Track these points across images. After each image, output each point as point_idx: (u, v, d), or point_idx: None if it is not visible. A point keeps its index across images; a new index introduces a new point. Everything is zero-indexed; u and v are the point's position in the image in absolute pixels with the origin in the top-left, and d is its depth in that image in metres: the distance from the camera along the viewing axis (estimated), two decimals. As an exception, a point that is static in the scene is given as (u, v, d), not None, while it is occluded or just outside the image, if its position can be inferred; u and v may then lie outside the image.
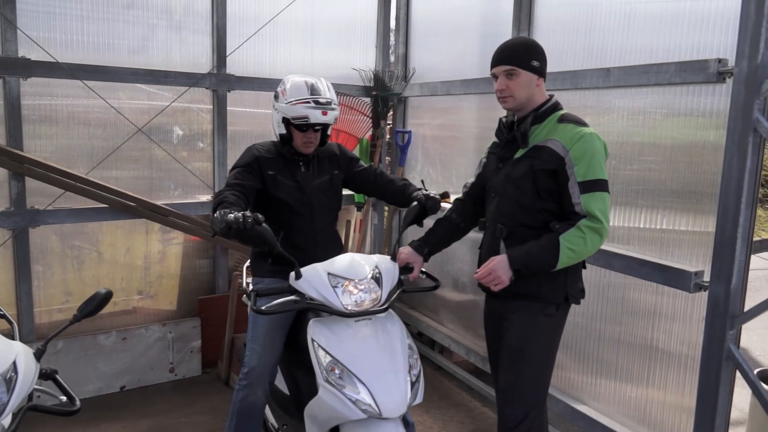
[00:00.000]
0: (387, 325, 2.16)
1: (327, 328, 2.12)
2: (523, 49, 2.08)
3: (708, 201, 2.24)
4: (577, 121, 2.06)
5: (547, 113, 2.10)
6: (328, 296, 2.09)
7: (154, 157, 3.57)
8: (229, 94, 3.72)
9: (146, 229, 3.63)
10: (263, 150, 2.54)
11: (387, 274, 2.22)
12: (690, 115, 2.30)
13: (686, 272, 2.23)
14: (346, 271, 2.16)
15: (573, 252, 1.96)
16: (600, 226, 1.95)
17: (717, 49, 2.20)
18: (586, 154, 1.97)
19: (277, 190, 2.50)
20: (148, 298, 3.70)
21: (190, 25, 3.60)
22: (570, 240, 1.96)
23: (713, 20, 2.22)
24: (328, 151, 2.67)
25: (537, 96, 2.10)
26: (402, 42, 4.27)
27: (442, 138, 3.96)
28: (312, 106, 2.40)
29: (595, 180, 1.97)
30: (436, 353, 4.07)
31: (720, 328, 2.10)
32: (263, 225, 2.02)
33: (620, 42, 2.59)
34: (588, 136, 1.99)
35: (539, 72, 2.08)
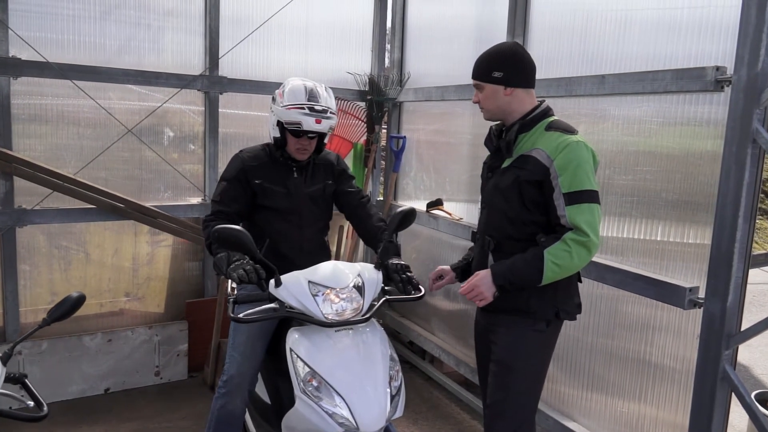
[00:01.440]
0: (368, 335, 2.05)
1: (306, 338, 2.01)
2: (484, 62, 2.00)
3: (704, 213, 2.13)
4: (565, 128, 1.93)
5: (535, 120, 1.97)
6: (307, 305, 1.99)
7: (144, 159, 3.47)
8: (221, 97, 3.62)
9: (135, 231, 3.52)
10: (250, 157, 2.44)
11: (370, 282, 2.12)
12: (687, 124, 2.19)
13: (681, 288, 2.12)
14: (327, 280, 2.05)
15: (558, 267, 1.84)
16: (586, 239, 1.82)
17: (715, 58, 2.09)
18: (571, 164, 1.84)
19: (266, 199, 2.41)
20: (136, 300, 3.59)
21: (182, 26, 3.51)
22: (555, 254, 1.84)
23: (711, 28, 2.11)
24: (325, 159, 2.55)
25: (514, 105, 1.98)
26: (397, 47, 4.17)
27: (437, 144, 3.86)
28: (306, 113, 2.28)
29: (581, 191, 1.84)
30: (427, 363, 3.95)
31: (715, 348, 1.98)
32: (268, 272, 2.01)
33: (616, 49, 2.48)
34: (574, 145, 1.86)
35: (504, 82, 1.95)
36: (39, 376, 3.21)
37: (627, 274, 2.34)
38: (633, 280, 2.31)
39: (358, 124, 4.15)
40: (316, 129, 2.30)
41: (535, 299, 1.96)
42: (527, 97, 1.99)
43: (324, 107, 2.31)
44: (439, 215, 3.60)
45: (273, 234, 2.41)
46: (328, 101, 2.35)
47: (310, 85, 2.35)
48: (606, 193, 2.51)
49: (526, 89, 1.99)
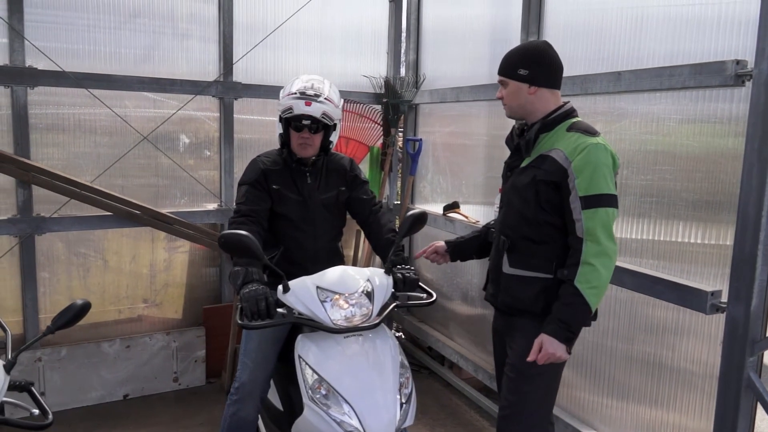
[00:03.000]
0: (378, 341, 2.03)
1: (315, 345, 1.99)
2: (512, 59, 1.98)
3: (726, 214, 2.06)
4: (586, 129, 1.90)
5: (557, 121, 1.95)
6: (316, 311, 1.97)
7: (160, 166, 3.52)
8: (235, 102, 3.65)
9: (152, 237, 3.57)
10: (269, 162, 2.43)
11: (379, 288, 2.09)
12: (706, 121, 2.12)
13: (702, 292, 2.04)
14: (335, 285, 2.03)
15: (595, 288, 1.81)
16: (601, 248, 1.79)
17: (734, 53, 2.01)
18: (589, 166, 1.81)
19: (282, 206, 2.39)
20: (153, 307, 3.64)
21: (196, 32, 3.55)
22: (586, 280, 1.81)
23: (729, 23, 2.04)
24: (338, 164, 2.53)
25: (537, 104, 1.96)
26: (413, 49, 4.15)
27: (453, 146, 3.82)
28: (296, 97, 2.28)
29: (599, 195, 1.80)
30: (446, 369, 3.90)
31: (739, 354, 1.90)
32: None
33: (631, 47, 2.42)
34: (593, 147, 1.83)
35: (529, 80, 1.94)
36: (59, 382, 3.28)
37: (646, 278, 2.27)
38: (652, 283, 2.25)
39: (374, 128, 4.14)
40: (306, 112, 2.27)
41: (541, 298, 1.93)
42: (552, 98, 1.97)
43: (315, 93, 2.30)
44: (455, 218, 3.56)
45: (287, 242, 2.41)
46: (322, 89, 2.34)
47: (310, 78, 2.38)
48: (624, 193, 2.44)
49: (551, 89, 1.97)
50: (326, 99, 2.32)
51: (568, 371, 2.71)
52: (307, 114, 2.28)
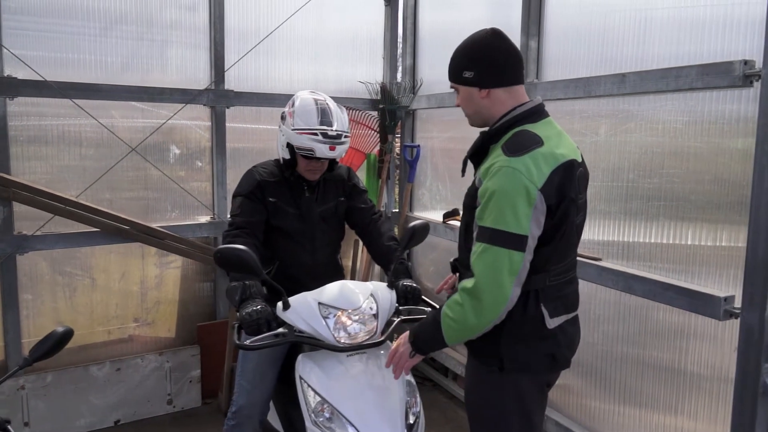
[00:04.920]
0: (383, 359, 2.02)
1: (317, 365, 1.99)
2: (455, 60, 1.78)
3: (737, 217, 2.08)
4: (512, 147, 1.61)
5: (501, 131, 1.70)
6: (318, 328, 1.97)
7: (150, 178, 3.51)
8: (228, 111, 3.65)
9: (142, 253, 3.55)
10: (265, 173, 2.41)
11: (383, 302, 2.09)
12: (714, 122, 2.14)
13: (715, 298, 2.06)
14: (338, 301, 2.03)
15: (455, 323, 1.61)
16: (477, 290, 1.56)
17: (741, 54, 2.04)
18: (488, 193, 1.57)
19: (279, 219, 2.38)
20: (145, 326, 3.61)
21: (186, 40, 3.55)
22: (451, 307, 1.63)
23: (735, 24, 2.07)
24: (336, 174, 2.52)
25: (494, 109, 1.72)
26: (409, 53, 4.17)
27: (452, 152, 3.83)
28: (319, 140, 2.21)
29: (489, 229, 1.56)
30: (450, 380, 3.91)
31: (755, 361, 1.91)
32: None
33: (636, 48, 2.44)
34: (499, 170, 1.57)
35: (477, 83, 1.70)
36: (44, 411, 3.22)
37: (656, 284, 2.29)
38: (663, 290, 2.26)
39: (371, 134, 4.15)
40: (330, 156, 2.25)
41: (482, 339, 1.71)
42: (509, 98, 1.72)
43: (338, 132, 2.24)
44: (456, 226, 3.56)
45: (284, 257, 2.40)
46: (341, 123, 2.28)
47: (322, 104, 2.28)
48: (631, 197, 2.47)
49: (507, 88, 1.71)
50: (346, 136, 2.28)
51: (576, 379, 2.74)
52: (330, 157, 2.26)
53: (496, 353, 1.72)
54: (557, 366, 1.80)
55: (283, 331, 1.99)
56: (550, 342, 1.74)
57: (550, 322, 1.72)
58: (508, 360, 1.71)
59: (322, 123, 2.24)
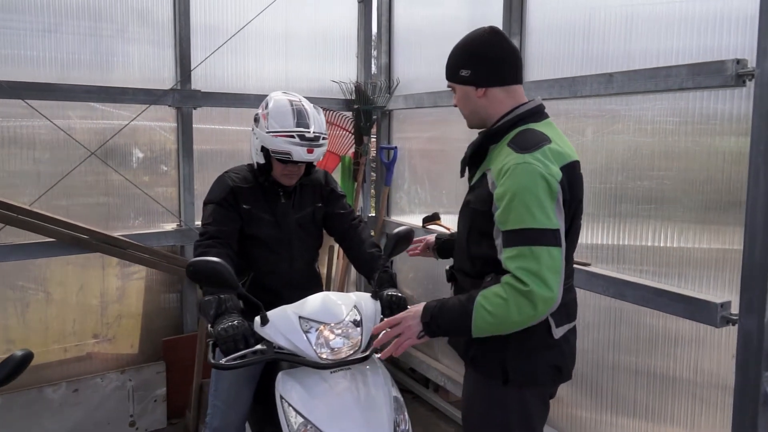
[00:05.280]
0: (368, 375, 1.96)
1: (298, 383, 1.91)
2: (452, 58, 1.77)
3: (731, 219, 2.08)
4: (521, 143, 1.62)
5: (502, 130, 1.70)
6: (299, 344, 1.89)
7: (111, 183, 3.37)
8: (194, 112, 3.54)
9: (102, 264, 3.41)
10: (238, 179, 2.33)
11: (368, 314, 2.03)
12: (706, 122, 2.14)
13: (711, 304, 2.05)
14: (319, 314, 1.96)
15: (491, 316, 1.54)
16: (527, 289, 1.50)
17: (733, 51, 2.04)
18: (508, 193, 1.55)
19: (253, 227, 2.31)
20: (105, 342, 3.47)
21: (149, 36, 3.43)
22: (489, 299, 1.55)
23: (726, 20, 2.07)
24: (313, 178, 2.46)
25: (491, 109, 1.73)
26: (384, 51, 4.12)
27: (431, 153, 3.80)
28: (296, 142, 2.15)
29: (519, 230, 1.53)
30: (431, 392, 3.86)
31: (754, 369, 1.90)
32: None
33: (622, 45, 2.44)
34: (515, 168, 1.55)
35: (474, 81, 1.71)
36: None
37: (648, 290, 2.27)
38: (656, 296, 2.25)
39: (346, 136, 4.09)
40: (308, 159, 2.19)
41: (477, 345, 1.71)
42: (507, 98, 1.73)
43: (316, 133, 2.19)
44: (436, 231, 3.52)
45: (259, 267, 2.33)
46: (318, 124, 2.23)
47: (297, 105, 2.23)
48: (620, 200, 2.46)
49: (505, 87, 1.72)
50: (323, 138, 2.23)
51: (566, 389, 2.71)
52: (308, 160, 2.21)
53: (501, 365, 1.69)
54: (562, 377, 1.78)
55: (261, 347, 1.91)
56: (555, 352, 1.72)
57: (556, 331, 1.71)
58: (513, 372, 1.69)
59: (299, 125, 2.19)
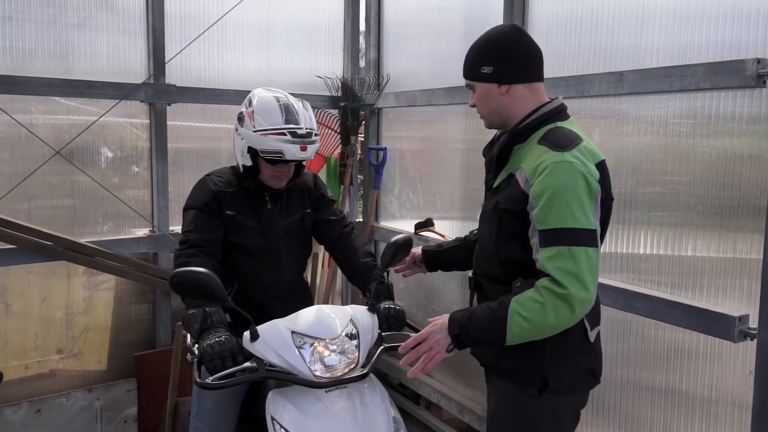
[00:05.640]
0: (366, 393, 1.94)
1: (291, 403, 1.89)
2: (471, 56, 1.81)
3: (749, 227, 2.09)
4: (556, 141, 1.67)
5: (530, 128, 1.75)
6: (292, 361, 1.87)
7: (77, 185, 3.31)
8: (169, 108, 3.48)
9: (68, 273, 3.34)
10: (221, 183, 2.30)
11: (364, 328, 2.01)
12: (723, 124, 2.15)
13: (728, 317, 2.06)
14: (313, 329, 1.93)
15: (527, 322, 1.58)
16: (565, 292, 1.55)
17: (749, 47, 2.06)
18: (547, 192, 1.60)
19: (238, 235, 2.28)
20: (71, 358, 3.39)
21: (118, 25, 3.36)
22: (524, 304, 1.60)
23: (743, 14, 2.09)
24: (301, 182, 2.44)
25: (513, 107, 1.77)
26: (373, 45, 4.10)
27: (423, 154, 3.78)
28: (288, 140, 2.12)
29: (559, 230, 1.58)
30: (422, 409, 3.84)
31: (775, 386, 1.92)
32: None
33: (633, 41, 2.45)
34: (555, 167, 1.61)
35: (497, 78, 1.75)
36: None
37: (661, 302, 2.28)
38: (669, 308, 2.25)
39: (332, 135, 4.06)
40: (300, 157, 2.17)
41: (513, 356, 1.74)
42: (530, 96, 1.78)
43: (308, 129, 2.17)
44: (430, 238, 3.51)
45: (244, 278, 2.29)
46: (308, 120, 2.21)
47: (283, 101, 2.21)
48: (630, 207, 2.46)
49: (528, 84, 1.77)
50: (315, 134, 2.21)
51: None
52: (301, 158, 2.18)
53: (539, 374, 1.73)
54: (595, 382, 1.86)
55: (251, 365, 1.88)
56: (589, 356, 1.82)
57: (591, 334, 1.79)
58: (554, 380, 1.74)
59: (288, 121, 2.16)
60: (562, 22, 2.75)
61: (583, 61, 2.64)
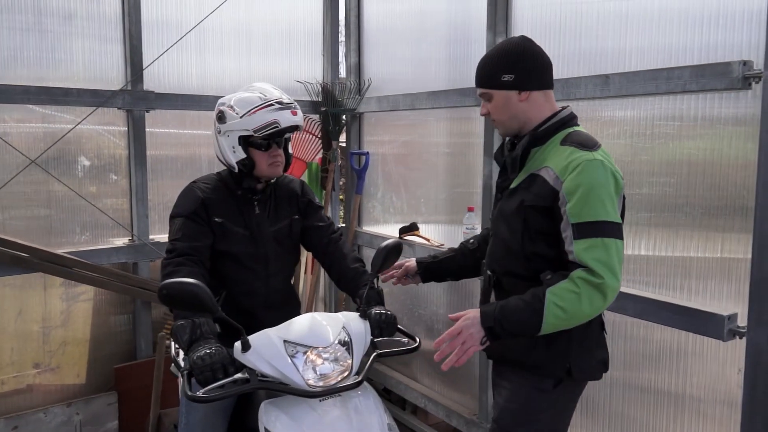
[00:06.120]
0: (361, 402, 1.90)
1: (284, 413, 1.84)
2: (490, 65, 1.90)
3: (736, 227, 2.11)
4: (582, 143, 1.80)
5: (550, 132, 1.87)
6: (285, 371, 1.81)
7: (54, 195, 3.22)
8: (147, 115, 3.41)
9: (44, 285, 3.25)
10: (208, 189, 2.26)
11: (357, 336, 1.97)
12: (709, 126, 2.17)
13: (717, 316, 2.06)
14: (305, 337, 1.88)
15: (562, 311, 1.68)
16: (600, 281, 1.66)
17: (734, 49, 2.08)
18: (581, 188, 1.70)
19: (225, 242, 2.23)
20: (48, 372, 3.30)
21: (94, 31, 3.29)
22: (559, 295, 1.69)
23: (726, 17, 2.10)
24: (288, 188, 2.40)
25: (531, 112, 1.88)
26: (354, 50, 4.07)
27: (407, 159, 3.76)
28: (278, 108, 2.15)
29: (594, 222, 1.69)
30: (408, 414, 3.80)
31: (764, 384, 1.93)
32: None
33: (618, 44, 2.45)
34: (587, 164, 1.72)
35: (518, 85, 1.85)
36: None
37: (650, 303, 2.28)
38: (658, 309, 2.26)
39: (312, 140, 4.02)
40: (294, 122, 2.19)
41: (542, 349, 1.83)
42: (545, 102, 1.90)
43: (288, 99, 2.22)
44: (415, 242, 3.49)
45: (233, 286, 2.24)
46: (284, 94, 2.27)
47: (256, 86, 2.26)
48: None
49: (544, 91, 1.89)
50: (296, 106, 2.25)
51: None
52: (294, 123, 2.20)
53: (565, 363, 1.83)
54: (605, 371, 1.96)
55: (243, 376, 1.83)
56: (603, 347, 1.95)
57: (605, 326, 1.95)
58: (577, 369, 1.84)
59: (275, 97, 2.21)
60: (546, 26, 2.75)
61: (568, 64, 2.64)
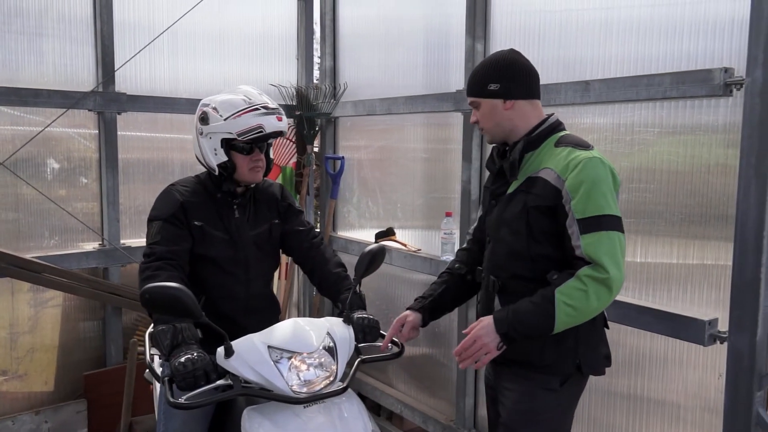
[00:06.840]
0: (345, 407, 1.86)
1: (268, 420, 1.78)
2: (478, 76, 1.95)
3: (717, 234, 2.10)
4: (577, 143, 1.86)
5: (542, 136, 1.90)
6: (269, 377, 1.76)
7: (21, 198, 3.13)
8: (119, 117, 3.31)
9: (11, 290, 3.14)
10: (187, 192, 2.18)
11: (342, 341, 1.92)
12: (689, 133, 2.17)
13: (698, 321, 2.05)
14: (290, 342, 1.84)
15: (573, 309, 1.72)
16: (606, 276, 1.70)
17: (714, 57, 2.08)
18: (584, 184, 1.75)
19: (205, 246, 2.16)
20: (16, 379, 3.19)
21: (65, 32, 3.20)
22: (568, 293, 1.73)
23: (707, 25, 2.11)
24: (267, 192, 2.35)
25: (517, 120, 1.92)
26: (329, 54, 4.01)
27: (383, 163, 3.71)
28: (264, 112, 2.11)
29: (599, 216, 1.74)
30: (383, 420, 3.75)
31: (745, 389, 1.92)
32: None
33: (598, 52, 2.45)
34: (587, 162, 1.78)
35: (503, 94, 1.90)
36: None
37: (630, 308, 2.26)
38: (638, 314, 2.24)
39: (287, 145, 3.96)
40: (279, 128, 2.15)
41: (551, 349, 1.84)
42: (532, 111, 1.93)
43: (273, 104, 2.17)
44: (391, 247, 3.44)
45: (212, 291, 2.17)
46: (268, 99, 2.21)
47: (241, 89, 2.20)
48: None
49: (530, 101, 1.93)
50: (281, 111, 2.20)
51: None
52: (279, 129, 2.15)
53: (574, 360, 1.85)
54: (609, 364, 1.97)
55: (225, 382, 1.77)
56: (605, 342, 1.97)
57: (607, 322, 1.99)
58: (586, 365, 1.87)
59: (260, 102, 2.15)
60: (525, 32, 2.73)
61: (547, 71, 2.61)
